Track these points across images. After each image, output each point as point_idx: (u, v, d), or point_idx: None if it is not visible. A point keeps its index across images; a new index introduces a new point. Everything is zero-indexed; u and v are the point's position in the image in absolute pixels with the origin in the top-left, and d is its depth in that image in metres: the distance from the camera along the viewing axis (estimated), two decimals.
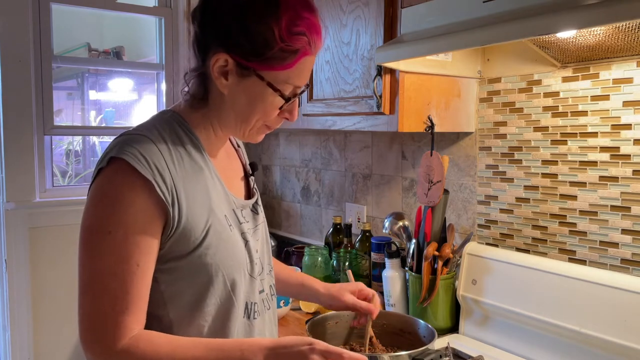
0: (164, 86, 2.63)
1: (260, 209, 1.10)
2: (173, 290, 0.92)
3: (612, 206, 1.34)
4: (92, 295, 0.86)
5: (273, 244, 2.46)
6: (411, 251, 1.60)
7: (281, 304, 1.74)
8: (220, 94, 0.94)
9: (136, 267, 0.86)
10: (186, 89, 0.98)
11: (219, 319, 0.95)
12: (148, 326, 0.89)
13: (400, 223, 1.73)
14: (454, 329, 1.59)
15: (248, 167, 1.14)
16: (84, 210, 0.89)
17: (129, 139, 0.89)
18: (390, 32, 1.48)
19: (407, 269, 1.62)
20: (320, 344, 0.89)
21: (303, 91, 0.97)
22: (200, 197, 0.92)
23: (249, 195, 1.10)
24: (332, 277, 1.98)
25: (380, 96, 1.48)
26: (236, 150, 1.14)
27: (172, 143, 0.92)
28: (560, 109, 1.43)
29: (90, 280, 0.86)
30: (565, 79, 1.42)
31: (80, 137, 2.81)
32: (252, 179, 1.12)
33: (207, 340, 0.89)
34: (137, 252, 0.86)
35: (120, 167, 0.86)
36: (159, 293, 0.91)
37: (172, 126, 0.95)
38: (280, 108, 0.96)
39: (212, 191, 0.95)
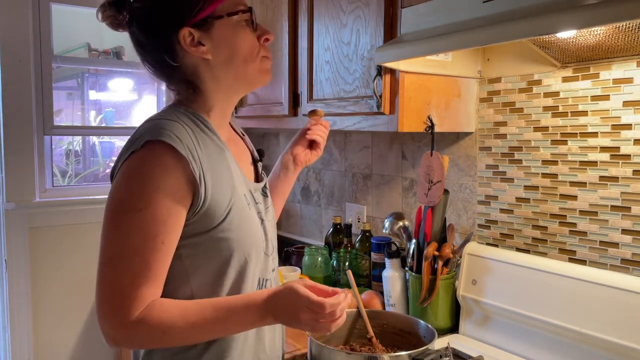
0: (164, 86, 2.62)
1: (269, 192, 1.16)
2: (195, 264, 0.96)
3: (612, 206, 1.34)
4: (114, 269, 0.89)
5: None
6: (411, 251, 1.60)
7: None
8: (205, 69, 1.00)
9: (161, 244, 0.89)
10: (176, 95, 1.05)
11: (235, 292, 1.00)
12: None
13: (400, 223, 1.73)
14: (454, 329, 1.59)
15: (255, 153, 1.19)
16: (113, 187, 0.92)
17: (158, 123, 0.93)
18: (390, 32, 1.48)
19: (407, 269, 1.62)
20: (303, 299, 0.92)
21: (252, 14, 1.02)
22: (224, 176, 0.98)
23: (257, 180, 1.15)
24: (332, 277, 1.98)
25: (380, 96, 1.48)
26: (242, 138, 1.19)
27: (194, 127, 0.97)
28: (561, 109, 1.43)
29: (115, 255, 0.89)
30: (565, 79, 1.42)
31: (80, 137, 2.81)
32: (259, 164, 1.17)
33: (214, 301, 0.94)
34: (163, 231, 0.89)
35: (155, 147, 0.90)
36: (182, 267, 0.96)
37: (187, 115, 1.00)
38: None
39: (233, 171, 1.01)
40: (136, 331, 0.88)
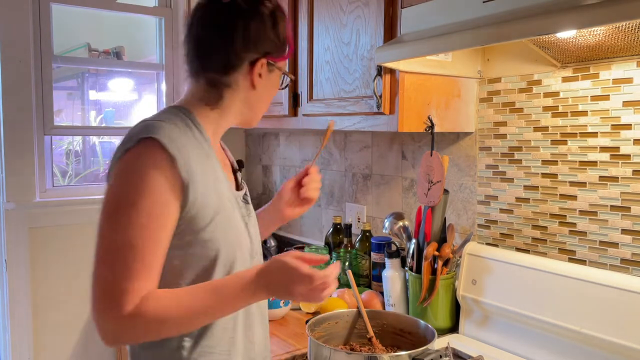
0: (164, 86, 2.63)
1: (249, 200, 1.19)
2: (184, 265, 0.99)
3: (612, 206, 1.34)
4: (109, 264, 0.90)
5: (273, 244, 2.47)
6: (411, 251, 1.60)
7: (281, 304, 1.74)
8: (236, 92, 1.07)
9: (155, 238, 0.92)
10: (189, 87, 1.09)
11: None
12: None
13: (400, 223, 1.73)
14: (454, 329, 1.59)
15: (235, 163, 1.22)
16: (109, 184, 0.95)
17: (153, 123, 0.97)
18: (390, 32, 1.48)
19: (407, 269, 1.62)
20: (294, 272, 0.96)
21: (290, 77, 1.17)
22: (211, 180, 1.01)
23: (237, 188, 1.18)
24: None
25: (380, 96, 1.48)
26: (223, 149, 1.22)
27: (187, 130, 1.01)
28: (560, 109, 1.43)
29: (109, 250, 0.91)
30: (565, 79, 1.42)
31: (80, 137, 2.81)
32: (239, 174, 1.21)
33: (205, 284, 0.96)
34: (156, 225, 0.92)
35: (148, 145, 0.93)
36: (172, 267, 0.98)
37: (182, 119, 1.03)
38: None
39: (220, 176, 1.04)
40: (132, 324, 0.90)
